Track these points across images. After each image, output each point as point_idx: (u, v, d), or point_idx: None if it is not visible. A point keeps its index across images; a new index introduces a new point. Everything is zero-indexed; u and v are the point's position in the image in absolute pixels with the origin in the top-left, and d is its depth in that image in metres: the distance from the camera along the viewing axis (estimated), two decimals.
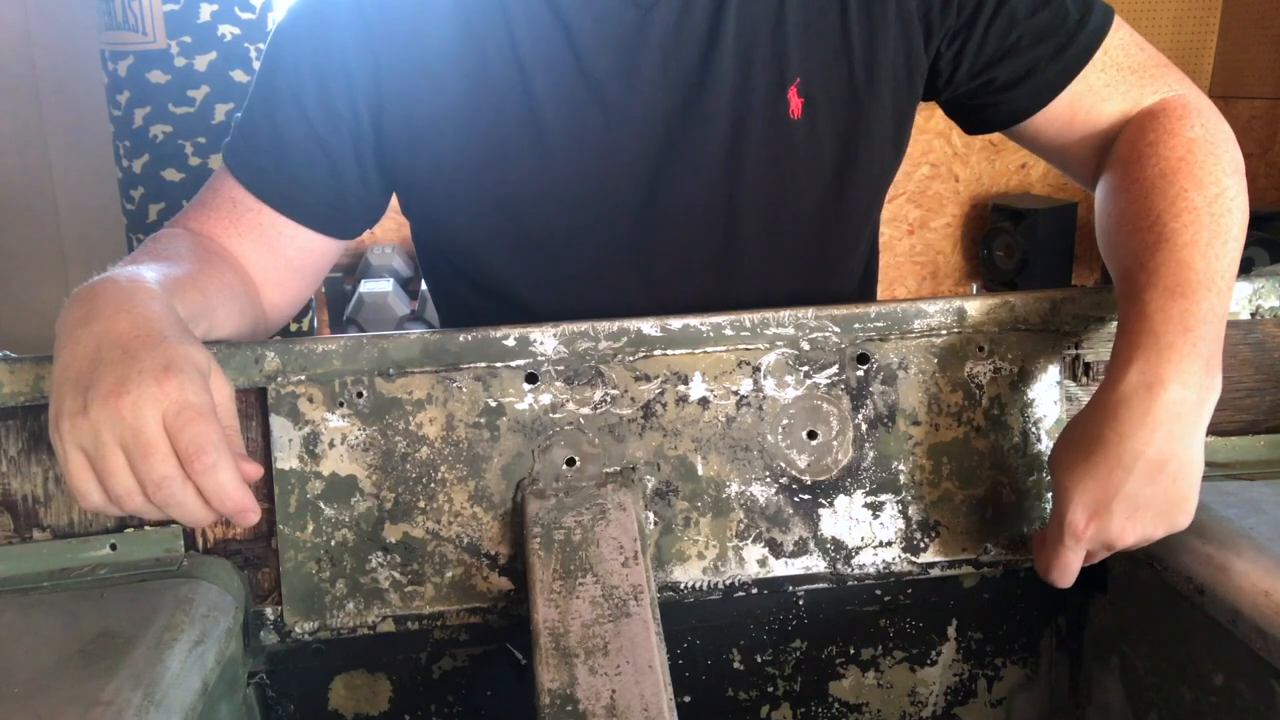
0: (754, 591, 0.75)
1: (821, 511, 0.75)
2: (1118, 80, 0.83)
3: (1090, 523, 0.66)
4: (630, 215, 0.85)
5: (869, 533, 0.76)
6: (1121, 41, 0.84)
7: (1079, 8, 0.83)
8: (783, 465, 0.75)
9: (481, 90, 0.83)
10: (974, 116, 0.90)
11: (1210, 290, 0.66)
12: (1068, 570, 0.69)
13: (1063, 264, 3.36)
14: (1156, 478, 0.65)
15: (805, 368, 0.75)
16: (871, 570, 0.76)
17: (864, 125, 0.85)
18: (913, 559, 0.76)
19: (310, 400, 0.72)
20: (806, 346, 0.75)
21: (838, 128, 0.84)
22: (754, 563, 0.75)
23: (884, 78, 0.84)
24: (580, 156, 0.83)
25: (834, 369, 0.75)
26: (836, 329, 0.74)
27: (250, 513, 0.61)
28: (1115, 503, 0.65)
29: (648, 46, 0.82)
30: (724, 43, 0.82)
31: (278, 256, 0.85)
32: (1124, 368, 0.65)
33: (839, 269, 0.92)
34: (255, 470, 0.63)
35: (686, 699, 0.82)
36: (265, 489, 0.72)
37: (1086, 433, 0.67)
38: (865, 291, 0.98)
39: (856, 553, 0.76)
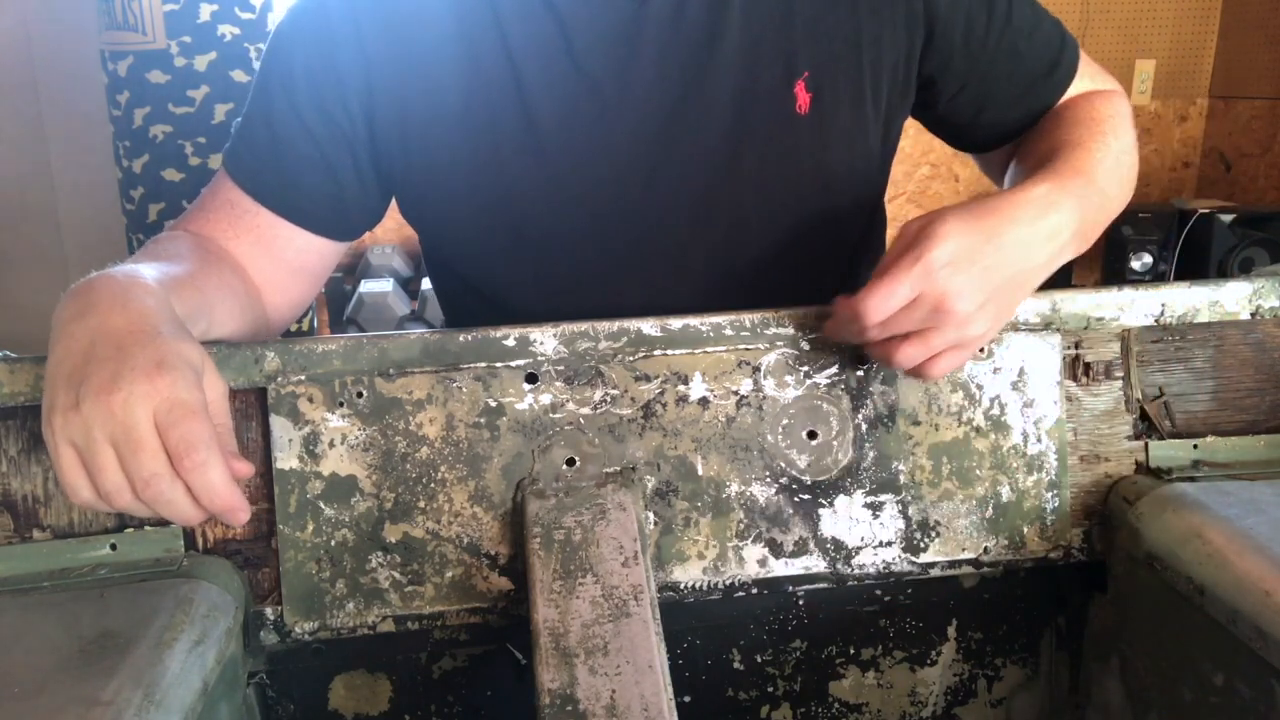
0: (754, 591, 0.75)
1: (821, 511, 0.75)
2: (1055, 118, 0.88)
3: (949, 266, 0.64)
4: (627, 212, 0.84)
5: (869, 533, 0.76)
6: (1072, 91, 0.89)
7: (1051, 50, 0.88)
8: (783, 465, 0.75)
9: (474, 88, 0.82)
10: (943, 134, 0.95)
11: (1094, 184, 0.75)
12: (891, 298, 0.64)
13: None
14: (1014, 270, 0.67)
15: (805, 368, 0.75)
16: (871, 570, 0.76)
17: (867, 124, 0.84)
18: (913, 559, 0.76)
19: (310, 400, 0.72)
20: (806, 346, 0.75)
21: (844, 125, 0.83)
22: (754, 563, 0.75)
23: (886, 77, 0.84)
24: (575, 153, 0.82)
25: (834, 369, 0.75)
26: None
27: (239, 511, 0.60)
28: (976, 266, 0.65)
29: (644, 38, 0.80)
30: (728, 34, 0.81)
31: (276, 259, 0.84)
32: (1034, 183, 0.71)
33: (839, 269, 0.92)
34: (246, 469, 0.63)
35: (686, 699, 0.82)
36: (265, 489, 0.72)
37: (982, 203, 0.68)
38: None
39: (856, 553, 0.76)
